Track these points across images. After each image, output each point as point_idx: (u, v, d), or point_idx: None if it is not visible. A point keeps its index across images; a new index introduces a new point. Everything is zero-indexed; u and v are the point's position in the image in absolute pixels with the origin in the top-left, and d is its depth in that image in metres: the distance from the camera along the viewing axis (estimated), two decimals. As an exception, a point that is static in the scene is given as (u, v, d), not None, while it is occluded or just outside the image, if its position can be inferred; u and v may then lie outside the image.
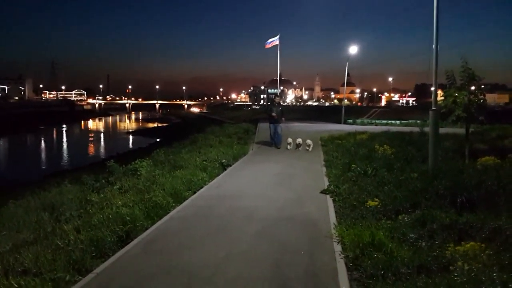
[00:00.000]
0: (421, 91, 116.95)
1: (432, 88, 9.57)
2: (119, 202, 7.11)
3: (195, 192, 8.47)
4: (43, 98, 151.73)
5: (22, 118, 75.04)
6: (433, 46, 9.33)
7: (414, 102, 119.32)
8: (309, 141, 15.15)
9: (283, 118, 15.93)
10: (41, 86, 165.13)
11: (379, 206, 6.55)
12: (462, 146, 11.24)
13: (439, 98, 10.35)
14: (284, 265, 4.59)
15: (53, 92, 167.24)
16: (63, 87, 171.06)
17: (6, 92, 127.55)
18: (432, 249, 4.61)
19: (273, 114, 15.35)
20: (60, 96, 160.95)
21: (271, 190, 8.58)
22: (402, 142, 14.10)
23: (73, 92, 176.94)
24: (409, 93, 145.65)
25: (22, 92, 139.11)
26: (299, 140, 15.23)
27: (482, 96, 10.18)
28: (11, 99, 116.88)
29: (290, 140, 15.55)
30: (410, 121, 33.20)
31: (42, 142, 51.04)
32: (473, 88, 10.19)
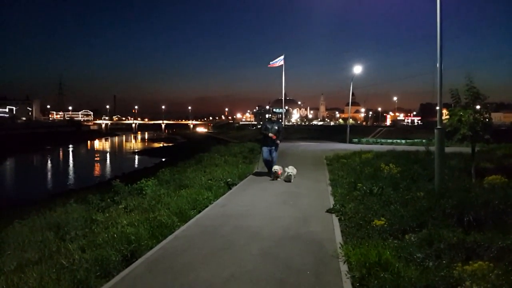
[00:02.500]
0: (426, 110, 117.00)
1: (437, 108, 9.59)
2: (124, 222, 7.10)
3: (200, 211, 8.45)
4: (50, 119, 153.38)
5: (29, 138, 75.73)
6: (438, 65, 9.39)
7: (419, 121, 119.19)
8: (289, 170, 12.20)
9: (278, 141, 13.02)
10: (48, 106, 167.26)
11: (385, 225, 6.49)
12: (468, 165, 11.17)
13: (444, 117, 10.36)
14: (289, 286, 4.54)
15: (60, 113, 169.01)
16: (70, 108, 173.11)
17: (14, 112, 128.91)
18: (439, 269, 4.55)
19: (270, 134, 12.78)
20: (67, 117, 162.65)
21: (276, 209, 8.54)
22: (408, 161, 14.03)
23: (80, 113, 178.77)
24: (414, 112, 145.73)
25: (30, 113, 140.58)
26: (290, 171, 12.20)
27: (487, 115, 10.17)
28: (19, 119, 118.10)
29: (276, 167, 12.44)
30: (415, 140, 33.11)
31: (49, 162, 51.36)
32: (478, 107, 10.19)
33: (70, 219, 8.14)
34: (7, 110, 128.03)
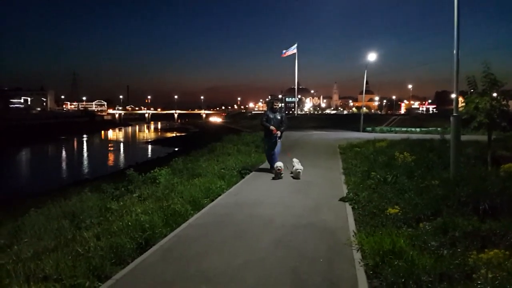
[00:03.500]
0: (441, 98, 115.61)
1: (453, 95, 9.44)
2: (138, 210, 7.16)
3: (213, 200, 8.48)
4: (65, 109, 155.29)
5: (44, 129, 76.68)
6: (454, 52, 9.23)
7: (434, 110, 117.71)
8: (297, 165, 10.87)
9: (278, 133, 11.39)
10: (62, 97, 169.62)
11: (399, 213, 6.44)
12: (484, 153, 11.04)
13: (460, 104, 10.20)
14: (302, 273, 4.54)
15: (74, 103, 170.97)
16: (84, 98, 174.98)
17: (29, 103, 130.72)
18: (454, 257, 4.51)
19: (271, 127, 11.34)
20: (81, 107, 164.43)
21: (289, 197, 8.53)
22: (423, 149, 13.92)
23: (93, 103, 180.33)
24: (429, 101, 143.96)
25: (44, 103, 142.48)
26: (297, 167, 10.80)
27: (505, 102, 10.00)
28: (34, 110, 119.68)
29: (279, 164, 10.71)
30: (430, 128, 32.81)
31: (63, 152, 51.94)
32: (495, 94, 10.02)
33: (85, 208, 8.25)
34: (22, 100, 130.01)
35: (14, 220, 9.30)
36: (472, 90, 10.36)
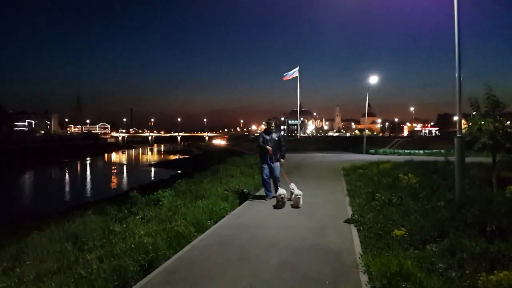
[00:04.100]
0: (444, 121, 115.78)
1: (456, 118, 9.45)
2: (142, 232, 7.12)
3: (216, 222, 8.42)
4: (68, 132, 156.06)
5: (48, 151, 76.89)
6: (456, 75, 9.27)
7: (437, 132, 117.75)
8: (295, 190, 9.87)
9: (281, 160, 10.80)
10: (66, 120, 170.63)
11: (405, 235, 6.37)
12: (489, 175, 10.98)
13: (463, 126, 10.21)
14: (308, 295, 4.46)
15: (78, 126, 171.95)
16: (87, 121, 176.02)
17: (33, 126, 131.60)
18: (463, 279, 4.44)
19: (269, 147, 10.36)
20: (85, 130, 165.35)
21: (293, 219, 8.46)
22: (427, 171, 13.85)
23: (97, 126, 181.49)
24: (432, 123, 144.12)
25: (48, 126, 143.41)
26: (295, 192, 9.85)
27: (507, 123, 10.00)
28: (38, 133, 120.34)
29: (282, 192, 9.71)
30: (433, 150, 32.72)
31: (67, 174, 51.95)
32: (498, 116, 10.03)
33: (88, 230, 8.21)
34: (26, 123, 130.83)
35: (16, 243, 9.24)
36: (474, 112, 10.39)
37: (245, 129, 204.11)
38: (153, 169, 55.46)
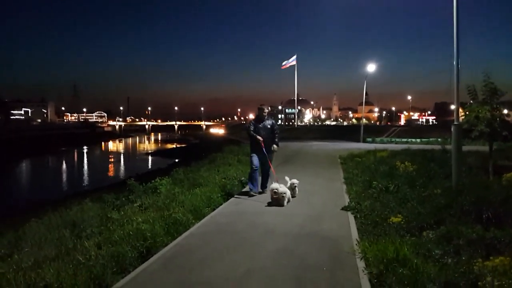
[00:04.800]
0: (441, 110, 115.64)
1: (453, 106, 9.46)
2: (140, 219, 7.12)
3: (214, 209, 8.45)
4: (65, 121, 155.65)
5: (44, 140, 76.69)
6: (454, 62, 9.27)
7: (434, 121, 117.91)
8: (280, 187, 8.62)
9: (274, 146, 9.66)
10: (63, 108, 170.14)
11: (402, 222, 6.41)
12: (486, 163, 11.03)
13: (460, 115, 10.23)
14: (306, 281, 4.49)
15: (74, 114, 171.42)
16: (84, 109, 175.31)
17: (30, 115, 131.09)
18: (459, 265, 4.47)
19: (259, 138, 9.33)
20: (81, 118, 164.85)
21: (291, 207, 8.48)
22: (424, 159, 13.92)
23: (94, 114, 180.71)
24: (429, 112, 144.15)
25: (45, 115, 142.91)
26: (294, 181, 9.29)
27: (506, 112, 10.03)
28: (34, 121, 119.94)
29: (276, 186, 8.59)
30: (430, 139, 32.83)
31: (64, 163, 51.87)
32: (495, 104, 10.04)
33: (85, 217, 8.23)
34: (22, 112, 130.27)
35: (14, 230, 9.25)
36: (472, 101, 10.41)
37: (242, 118, 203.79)
38: (150, 158, 55.47)
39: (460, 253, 4.87)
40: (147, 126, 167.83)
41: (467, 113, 10.41)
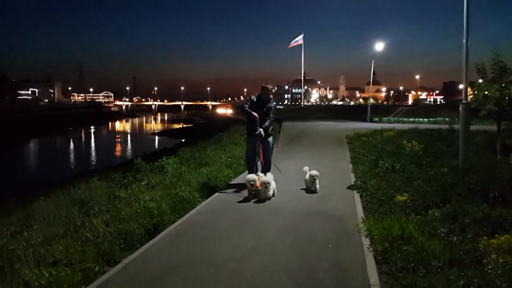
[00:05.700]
0: (449, 89, 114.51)
1: (461, 86, 9.34)
2: (147, 197, 7.20)
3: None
4: (72, 101, 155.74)
5: (52, 120, 77.02)
6: (464, 40, 9.10)
7: (442, 100, 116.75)
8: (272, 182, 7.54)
9: (260, 130, 8.15)
10: (69, 88, 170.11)
11: (408, 201, 6.42)
12: (493, 142, 10.94)
13: (469, 94, 10.11)
14: (311, 258, 4.54)
15: (81, 95, 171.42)
16: (91, 90, 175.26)
17: (37, 95, 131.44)
18: (464, 243, 4.49)
19: (255, 114, 8.17)
20: (88, 98, 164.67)
21: (297, 185, 8.49)
22: (431, 139, 13.82)
23: (100, 94, 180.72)
24: (437, 91, 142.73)
25: (52, 95, 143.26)
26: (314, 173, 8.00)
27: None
28: (41, 101, 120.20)
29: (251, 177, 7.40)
30: (438, 118, 32.56)
31: (71, 143, 52.20)
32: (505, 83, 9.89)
33: (93, 195, 8.30)
34: (29, 92, 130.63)
35: (23, 209, 9.37)
36: (481, 80, 10.26)
37: (248, 98, 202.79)
38: (157, 137, 55.63)
39: (466, 231, 4.88)
40: (153, 106, 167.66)
41: (476, 92, 10.29)
